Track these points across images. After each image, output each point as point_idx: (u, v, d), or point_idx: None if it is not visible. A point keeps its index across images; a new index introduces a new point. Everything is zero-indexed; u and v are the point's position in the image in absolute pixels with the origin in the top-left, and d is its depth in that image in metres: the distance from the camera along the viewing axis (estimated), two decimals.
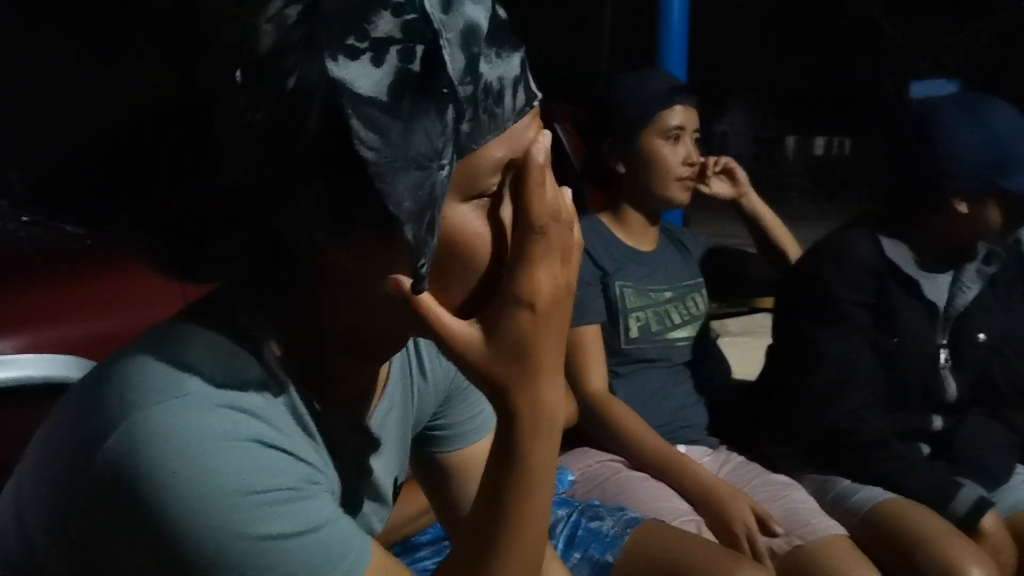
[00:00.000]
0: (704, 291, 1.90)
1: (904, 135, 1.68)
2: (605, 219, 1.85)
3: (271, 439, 0.60)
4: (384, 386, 0.79)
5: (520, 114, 0.62)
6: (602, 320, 1.75)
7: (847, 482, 1.66)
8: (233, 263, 0.66)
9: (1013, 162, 1.56)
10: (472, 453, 0.90)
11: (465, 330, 0.64)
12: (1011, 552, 1.56)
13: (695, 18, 3.59)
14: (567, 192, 0.67)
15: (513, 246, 0.63)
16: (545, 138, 0.63)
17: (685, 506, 1.58)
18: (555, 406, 0.67)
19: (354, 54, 0.56)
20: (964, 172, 1.58)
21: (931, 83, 12.55)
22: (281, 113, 0.57)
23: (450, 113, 0.58)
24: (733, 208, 2.01)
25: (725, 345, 2.30)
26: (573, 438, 1.72)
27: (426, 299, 0.62)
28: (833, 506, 1.63)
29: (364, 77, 0.56)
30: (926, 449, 1.74)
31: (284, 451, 0.61)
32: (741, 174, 1.97)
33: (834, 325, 1.64)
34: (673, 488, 1.61)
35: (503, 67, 0.60)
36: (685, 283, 1.87)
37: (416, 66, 0.57)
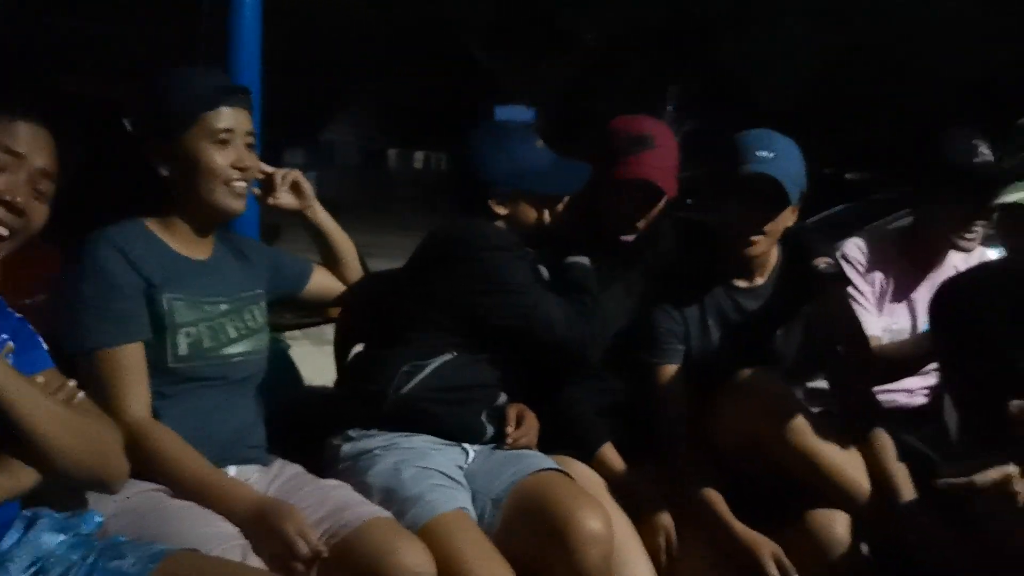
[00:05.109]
0: (264, 303, 1.82)
1: (461, 153, 2.04)
2: (152, 225, 1.70)
3: None
4: None
5: None
6: (146, 337, 1.61)
7: (407, 493, 1.71)
8: None
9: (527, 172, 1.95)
10: None
11: None
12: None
13: (305, 22, 3.51)
14: None
15: None
16: None
17: (232, 530, 1.51)
18: None
19: None
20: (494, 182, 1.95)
21: (512, 108, 13.84)
22: None
23: None
24: (299, 220, 2.01)
25: (318, 352, 2.25)
26: None
27: None
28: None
29: None
30: None
31: None
32: (307, 187, 1.99)
33: (514, 265, 1.89)
34: (221, 513, 1.53)
35: None
36: (243, 294, 1.76)
37: None
